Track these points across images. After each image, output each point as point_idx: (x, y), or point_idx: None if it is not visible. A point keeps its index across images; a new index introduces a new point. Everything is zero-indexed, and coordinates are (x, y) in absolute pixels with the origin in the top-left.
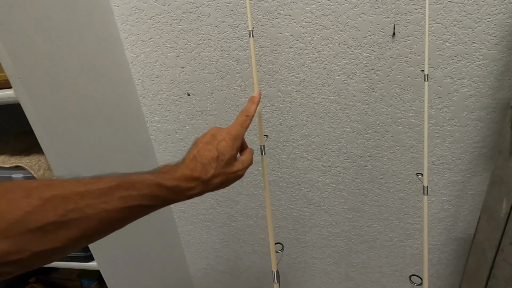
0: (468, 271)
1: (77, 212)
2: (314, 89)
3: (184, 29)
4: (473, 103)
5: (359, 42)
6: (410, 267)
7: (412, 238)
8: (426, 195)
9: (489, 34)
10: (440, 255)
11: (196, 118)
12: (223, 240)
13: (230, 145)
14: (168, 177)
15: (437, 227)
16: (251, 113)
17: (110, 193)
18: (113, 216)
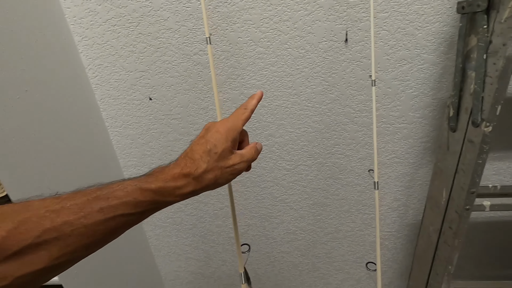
0: (417, 253)
1: (54, 231)
2: (275, 91)
3: (143, 33)
4: (418, 102)
5: (315, 47)
6: (370, 253)
7: (370, 227)
8: (377, 189)
9: (428, 41)
10: (395, 240)
11: (159, 123)
12: (193, 241)
13: (223, 137)
14: (153, 179)
15: (391, 215)
16: (250, 107)
17: (89, 206)
18: (95, 230)
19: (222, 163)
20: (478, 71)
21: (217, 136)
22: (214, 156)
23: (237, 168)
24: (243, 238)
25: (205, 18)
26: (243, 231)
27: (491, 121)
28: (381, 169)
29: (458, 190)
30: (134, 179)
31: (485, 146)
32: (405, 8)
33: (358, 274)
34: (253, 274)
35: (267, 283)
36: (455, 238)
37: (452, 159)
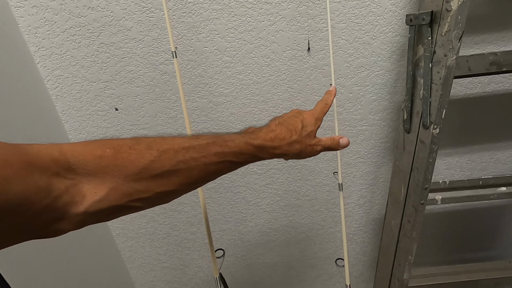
0: (382, 246)
1: (185, 163)
2: (243, 99)
3: (105, 43)
4: (376, 106)
5: (280, 56)
6: (340, 249)
7: (340, 224)
8: (341, 191)
9: (383, 49)
10: (362, 235)
11: (127, 133)
12: (167, 250)
13: (313, 122)
14: (254, 137)
15: (358, 212)
16: (329, 102)
17: (208, 149)
18: (209, 168)
19: (308, 140)
20: (425, 78)
21: (309, 119)
22: (304, 133)
23: (315, 149)
24: (218, 243)
25: (170, 31)
26: (218, 236)
27: (438, 123)
28: (346, 169)
29: (414, 187)
30: (239, 134)
31: (434, 146)
32: (360, 19)
33: (331, 270)
34: (230, 277)
35: (244, 286)
36: (413, 231)
37: (407, 158)
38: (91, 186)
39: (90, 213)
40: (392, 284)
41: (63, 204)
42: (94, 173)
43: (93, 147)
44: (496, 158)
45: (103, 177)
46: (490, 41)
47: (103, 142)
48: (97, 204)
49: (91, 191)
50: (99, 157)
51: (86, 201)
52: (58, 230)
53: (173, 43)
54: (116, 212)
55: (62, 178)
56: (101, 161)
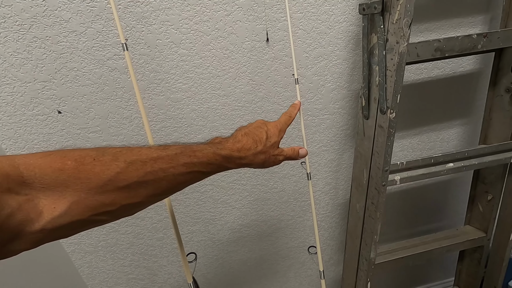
0: (349, 229)
1: (153, 174)
2: (204, 94)
3: (39, 37)
4: (336, 95)
5: (239, 47)
6: (310, 236)
7: (308, 212)
8: (310, 179)
9: (339, 38)
10: (329, 220)
11: (75, 138)
12: (133, 260)
13: (276, 133)
14: (222, 147)
15: (324, 199)
16: (293, 115)
17: (176, 159)
18: (178, 179)
19: (272, 150)
20: (380, 65)
21: (273, 131)
22: (268, 144)
23: (278, 158)
24: (188, 246)
25: (117, 21)
26: (188, 239)
27: (394, 108)
28: (311, 158)
29: (375, 170)
30: (207, 144)
31: (392, 130)
32: (316, 9)
33: (302, 258)
34: (202, 279)
35: (218, 286)
36: (376, 212)
37: (368, 143)
38: (49, 201)
39: (48, 230)
40: (360, 264)
41: (17, 223)
42: (53, 187)
43: (51, 159)
44: (441, 137)
45: (63, 191)
46: (432, 30)
47: (63, 154)
48: (56, 220)
49: (49, 207)
50: (59, 170)
51: (43, 218)
52: (12, 251)
53: (122, 34)
54: (79, 227)
55: (14, 194)
56: (61, 174)
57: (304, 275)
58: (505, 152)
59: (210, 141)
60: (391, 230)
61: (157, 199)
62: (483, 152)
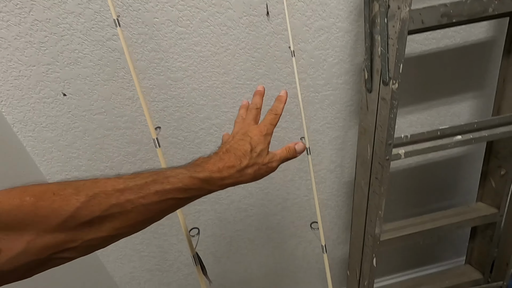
0: (355, 206)
1: (118, 206)
2: (203, 72)
3: (39, 19)
4: (339, 69)
5: (237, 23)
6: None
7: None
8: (309, 154)
9: (340, 9)
10: (336, 199)
11: (81, 120)
12: (143, 239)
13: (262, 140)
14: (201, 169)
15: (330, 177)
16: (279, 112)
17: (147, 188)
18: (150, 209)
19: (261, 160)
20: (382, 34)
21: (258, 138)
22: (255, 155)
23: (270, 166)
24: (195, 225)
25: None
26: (195, 218)
27: (396, 78)
28: (315, 136)
29: (379, 144)
30: (184, 168)
31: (395, 101)
32: None
33: (309, 236)
34: (211, 258)
35: (227, 263)
36: (381, 187)
37: (371, 118)
38: (6, 241)
39: (5, 272)
40: (366, 240)
41: None
42: (11, 226)
43: (11, 195)
44: (452, 112)
45: (21, 229)
46: None
47: (24, 189)
48: (13, 261)
49: (6, 247)
50: (17, 207)
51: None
52: None
53: (114, 10)
54: (39, 266)
55: None
56: (19, 212)
57: (312, 254)
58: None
59: (192, 162)
60: (400, 209)
61: (132, 230)
62: (494, 123)
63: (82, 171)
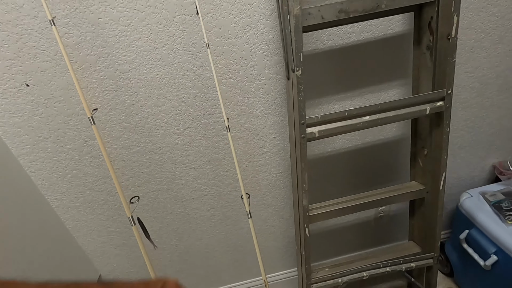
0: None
1: None
2: (147, 64)
3: (1, 21)
4: (269, 61)
5: (172, 21)
6: (268, 194)
7: (261, 171)
8: (229, 132)
9: (263, 8)
10: (284, 180)
11: (43, 107)
12: (109, 215)
13: None
14: None
15: (275, 159)
16: None
17: None
18: None
19: None
20: (287, 29)
21: None
22: None
23: None
24: (154, 203)
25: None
26: (154, 196)
27: (299, 66)
28: (256, 121)
29: (297, 124)
30: None
31: (301, 86)
32: None
33: (264, 215)
34: (173, 234)
35: (188, 240)
36: (302, 162)
37: (290, 102)
38: None
39: None
40: (300, 211)
41: None
42: None
43: None
44: (381, 99)
45: None
46: None
47: None
48: None
49: None
50: None
51: None
52: None
53: (49, 12)
54: None
55: None
56: None
57: (267, 232)
58: (421, 105)
59: None
60: (342, 190)
61: None
62: (396, 105)
63: (48, 153)
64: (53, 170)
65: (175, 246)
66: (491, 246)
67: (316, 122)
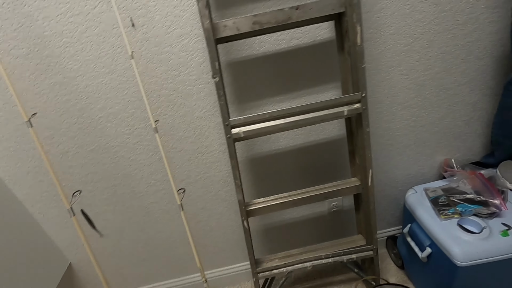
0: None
1: None
2: (92, 72)
3: None
4: (206, 67)
5: (110, 33)
6: (225, 187)
7: (211, 168)
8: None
9: (194, 19)
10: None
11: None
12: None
13: None
14: None
15: (223, 157)
16: None
17: None
18: None
19: None
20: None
21: None
22: None
23: None
24: (115, 197)
25: None
26: (112, 191)
27: (216, 73)
28: (200, 122)
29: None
30: None
31: (220, 91)
32: None
33: (219, 208)
34: (136, 226)
35: (150, 231)
36: (231, 160)
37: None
38: None
39: None
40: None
41: None
42: None
43: None
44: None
45: None
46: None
47: None
48: None
49: None
50: None
51: None
52: None
53: None
54: None
55: None
56: None
57: (225, 225)
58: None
59: None
60: (294, 186)
61: None
62: (314, 107)
63: (12, 151)
64: (17, 167)
65: (138, 237)
66: (427, 239)
67: (240, 123)
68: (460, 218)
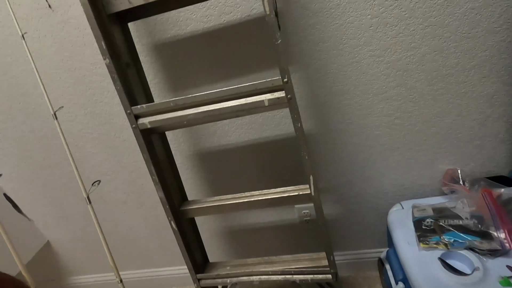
0: None
1: None
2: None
3: None
4: None
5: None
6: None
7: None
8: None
9: None
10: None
11: None
12: (41, 191)
13: None
14: None
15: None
16: None
17: None
18: None
19: None
20: None
21: None
22: None
23: None
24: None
25: None
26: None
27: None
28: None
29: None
30: None
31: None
32: None
33: None
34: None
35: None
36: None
37: None
38: None
39: None
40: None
41: None
42: None
43: None
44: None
45: None
46: None
47: None
48: None
49: None
50: None
51: None
52: None
53: None
54: None
55: None
56: None
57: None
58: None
59: None
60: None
61: None
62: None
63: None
64: None
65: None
66: (400, 271)
67: (144, 113)
68: (446, 251)
